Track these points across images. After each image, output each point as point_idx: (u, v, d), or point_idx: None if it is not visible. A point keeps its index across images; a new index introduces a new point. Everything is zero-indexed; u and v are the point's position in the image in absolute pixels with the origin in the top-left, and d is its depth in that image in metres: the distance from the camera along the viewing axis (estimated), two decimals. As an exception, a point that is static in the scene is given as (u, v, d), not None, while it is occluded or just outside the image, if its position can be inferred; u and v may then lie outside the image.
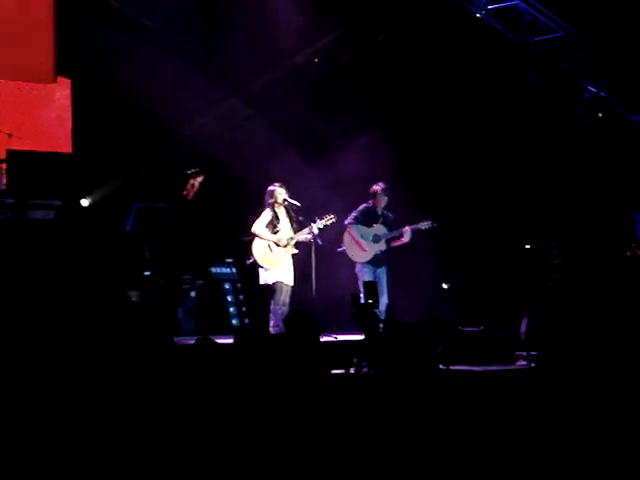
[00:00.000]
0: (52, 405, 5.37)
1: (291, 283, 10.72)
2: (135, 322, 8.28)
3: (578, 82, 13.11)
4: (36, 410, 5.28)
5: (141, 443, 4.81)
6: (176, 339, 8.74)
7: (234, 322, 12.30)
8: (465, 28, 12.71)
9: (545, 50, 12.95)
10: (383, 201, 11.25)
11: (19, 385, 5.86)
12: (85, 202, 11.66)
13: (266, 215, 10.76)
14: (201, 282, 11.76)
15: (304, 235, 10.78)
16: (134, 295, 10.35)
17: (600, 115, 12.92)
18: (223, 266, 12.50)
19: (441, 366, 8.34)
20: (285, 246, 10.74)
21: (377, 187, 11.26)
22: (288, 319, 6.73)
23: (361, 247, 11.17)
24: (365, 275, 11.01)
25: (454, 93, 13.06)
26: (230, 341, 6.84)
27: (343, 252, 11.25)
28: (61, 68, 11.90)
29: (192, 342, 6.73)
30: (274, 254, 10.72)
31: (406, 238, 11.14)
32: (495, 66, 12.87)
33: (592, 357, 7.45)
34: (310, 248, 10.73)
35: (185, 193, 10.75)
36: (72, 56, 11.90)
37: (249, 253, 10.79)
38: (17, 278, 9.23)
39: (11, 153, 10.28)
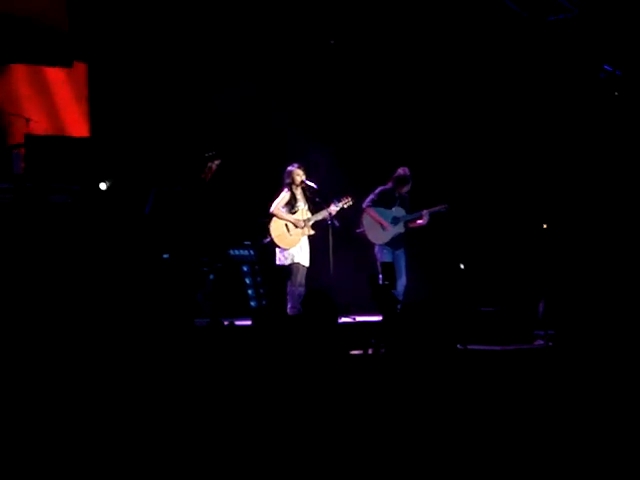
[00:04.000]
0: (69, 384, 5.43)
1: (307, 264, 10.78)
2: (155, 305, 8.34)
3: (594, 61, 13.04)
4: (52, 390, 5.34)
5: (162, 422, 4.85)
6: (196, 321, 8.83)
7: (252, 304, 12.31)
8: (479, 7, 12.67)
9: (560, 29, 12.88)
10: (407, 185, 11.22)
11: (38, 363, 5.93)
12: (103, 186, 11.68)
13: (284, 196, 10.83)
14: (219, 264, 11.79)
15: (321, 216, 10.84)
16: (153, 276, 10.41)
17: (616, 94, 12.86)
18: (241, 248, 12.50)
19: (459, 346, 8.36)
20: (302, 227, 10.79)
21: (403, 171, 11.21)
22: (306, 300, 6.75)
23: (382, 226, 11.14)
24: (384, 257, 11.02)
25: (472, 72, 13.02)
26: (248, 323, 6.89)
27: (361, 233, 11.25)
28: (77, 53, 11.88)
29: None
30: (291, 234, 10.79)
31: (425, 220, 11.17)
32: (510, 45, 12.82)
33: (609, 336, 7.45)
34: (327, 230, 10.77)
35: (203, 176, 10.80)
36: (88, 40, 11.88)
37: (266, 233, 10.85)
38: (32, 263, 9.28)
39: (29, 137, 10.33)
